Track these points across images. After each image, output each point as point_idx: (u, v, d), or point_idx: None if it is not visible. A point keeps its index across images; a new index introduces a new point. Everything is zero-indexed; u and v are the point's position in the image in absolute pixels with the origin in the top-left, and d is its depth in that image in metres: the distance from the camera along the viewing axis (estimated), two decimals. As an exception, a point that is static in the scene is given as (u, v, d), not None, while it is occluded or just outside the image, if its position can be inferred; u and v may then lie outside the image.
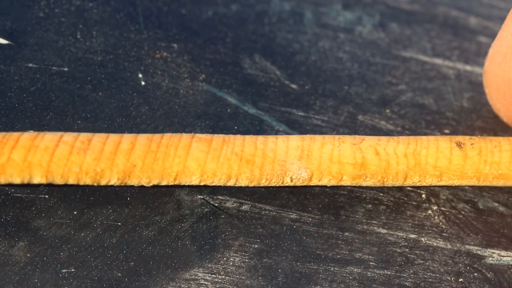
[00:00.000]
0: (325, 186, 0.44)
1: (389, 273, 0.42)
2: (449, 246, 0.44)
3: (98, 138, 0.39)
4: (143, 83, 0.47)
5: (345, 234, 0.43)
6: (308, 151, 0.41)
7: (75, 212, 0.41)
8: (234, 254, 0.41)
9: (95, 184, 0.39)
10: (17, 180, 0.38)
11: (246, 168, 0.40)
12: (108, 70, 0.47)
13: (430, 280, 0.42)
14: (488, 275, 0.43)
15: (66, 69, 0.46)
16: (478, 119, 0.51)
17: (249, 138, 0.41)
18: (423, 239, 0.44)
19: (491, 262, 0.44)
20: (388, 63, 0.53)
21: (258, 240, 0.42)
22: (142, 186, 0.42)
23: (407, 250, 0.43)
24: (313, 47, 0.52)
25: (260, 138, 0.41)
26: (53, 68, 0.46)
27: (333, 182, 0.41)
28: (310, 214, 0.43)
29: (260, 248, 0.42)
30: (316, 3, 0.55)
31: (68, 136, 0.39)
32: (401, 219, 0.44)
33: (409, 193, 0.45)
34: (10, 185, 0.41)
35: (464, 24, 0.57)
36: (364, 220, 0.44)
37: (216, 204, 0.43)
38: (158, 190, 0.42)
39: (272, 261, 0.41)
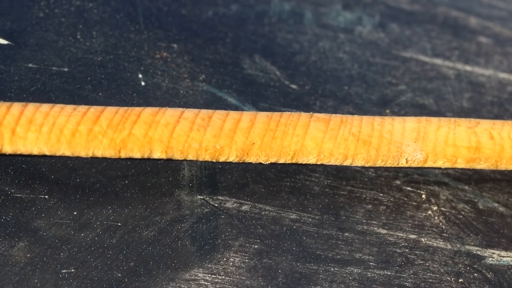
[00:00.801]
0: (325, 187, 0.44)
1: (389, 273, 0.42)
2: (449, 247, 0.44)
3: (218, 115, 0.40)
4: (143, 83, 0.47)
5: (345, 234, 0.43)
6: (424, 133, 0.42)
7: (75, 213, 0.41)
8: (234, 255, 0.41)
9: (214, 160, 0.40)
10: (137, 155, 0.39)
11: (363, 148, 0.41)
12: (108, 70, 0.47)
13: (430, 280, 0.42)
14: (488, 276, 0.43)
15: (66, 69, 0.46)
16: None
17: (366, 118, 0.42)
18: (423, 239, 0.44)
19: (491, 262, 0.44)
20: (388, 63, 0.53)
21: (258, 241, 0.42)
22: (142, 187, 0.42)
23: (407, 250, 0.43)
24: (313, 47, 0.52)
25: (377, 119, 0.42)
26: (53, 68, 0.46)
27: (447, 165, 0.42)
28: (310, 214, 0.43)
29: (260, 249, 0.42)
30: (316, 3, 0.55)
31: (189, 113, 0.40)
32: (401, 220, 0.44)
33: (409, 193, 0.45)
34: (11, 185, 0.41)
35: (464, 24, 0.57)
36: (364, 221, 0.44)
37: (216, 205, 0.43)
38: (158, 191, 0.42)
39: (272, 262, 0.41)
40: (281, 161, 0.41)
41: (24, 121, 0.38)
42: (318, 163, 0.41)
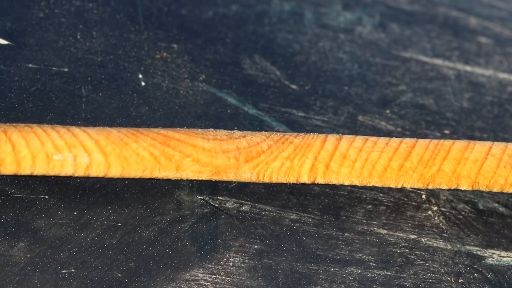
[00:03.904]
0: (325, 186, 0.44)
1: (389, 273, 0.42)
2: (449, 247, 0.44)
3: None
4: (143, 83, 0.47)
5: (345, 234, 0.43)
6: None
7: (75, 213, 0.41)
8: (234, 255, 0.41)
9: (504, 192, 0.42)
10: (444, 187, 0.41)
11: None
12: (108, 71, 0.47)
13: (430, 280, 0.42)
14: (488, 276, 0.43)
15: (66, 69, 0.46)
16: (478, 120, 0.51)
17: None
18: (423, 239, 0.44)
19: (491, 262, 0.44)
20: (388, 63, 0.53)
21: (258, 241, 0.42)
22: (142, 187, 0.42)
23: (407, 250, 0.43)
24: (313, 47, 0.52)
25: None
26: (53, 68, 0.46)
27: None
28: (310, 214, 0.43)
29: (260, 249, 0.42)
30: (316, 4, 0.55)
31: (496, 149, 0.41)
32: (401, 220, 0.44)
33: (409, 193, 0.45)
34: (11, 185, 0.41)
35: (464, 25, 0.57)
36: (364, 221, 0.44)
37: (216, 205, 0.43)
38: (158, 191, 0.42)
39: (272, 262, 0.41)
40: None
41: (338, 157, 0.40)
42: None
